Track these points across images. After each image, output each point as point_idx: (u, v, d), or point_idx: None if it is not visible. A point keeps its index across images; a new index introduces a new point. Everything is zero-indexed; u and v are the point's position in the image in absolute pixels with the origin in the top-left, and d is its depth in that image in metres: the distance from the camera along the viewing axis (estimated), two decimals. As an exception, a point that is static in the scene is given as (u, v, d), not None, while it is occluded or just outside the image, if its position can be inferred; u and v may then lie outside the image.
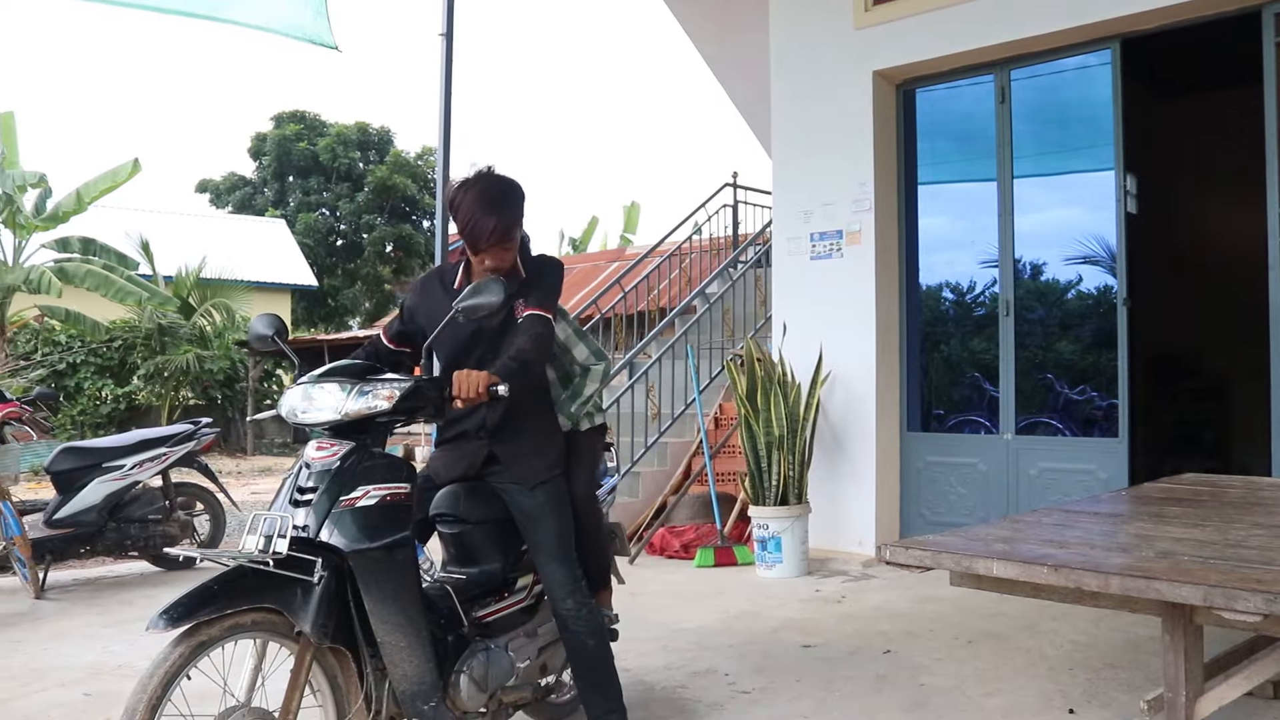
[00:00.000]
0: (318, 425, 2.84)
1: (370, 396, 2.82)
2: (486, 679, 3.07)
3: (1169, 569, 2.51)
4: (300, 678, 2.67)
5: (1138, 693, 3.55)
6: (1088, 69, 6.49)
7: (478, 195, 3.15)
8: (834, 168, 7.13)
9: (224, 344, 20.19)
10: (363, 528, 2.73)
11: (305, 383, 2.92)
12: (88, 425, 18.92)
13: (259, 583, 2.60)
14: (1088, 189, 6.68)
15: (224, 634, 2.56)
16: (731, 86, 10.18)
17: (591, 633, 3.32)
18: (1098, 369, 6.56)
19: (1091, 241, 6.62)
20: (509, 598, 3.35)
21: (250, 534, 2.66)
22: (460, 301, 2.94)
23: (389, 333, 3.44)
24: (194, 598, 2.51)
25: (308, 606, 2.62)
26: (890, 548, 2.90)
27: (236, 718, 2.56)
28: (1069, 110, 6.73)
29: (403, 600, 2.79)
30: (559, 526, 3.29)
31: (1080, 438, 6.56)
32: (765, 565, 6.43)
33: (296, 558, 2.62)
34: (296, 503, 2.73)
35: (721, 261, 10.94)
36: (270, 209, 33.60)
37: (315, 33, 5.87)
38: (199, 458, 7.06)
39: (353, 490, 2.75)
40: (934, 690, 4.00)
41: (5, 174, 16.52)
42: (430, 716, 2.84)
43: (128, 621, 5.45)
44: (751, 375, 6.67)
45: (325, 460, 2.78)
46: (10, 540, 5.90)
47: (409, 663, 2.80)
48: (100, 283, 17.06)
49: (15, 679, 4.39)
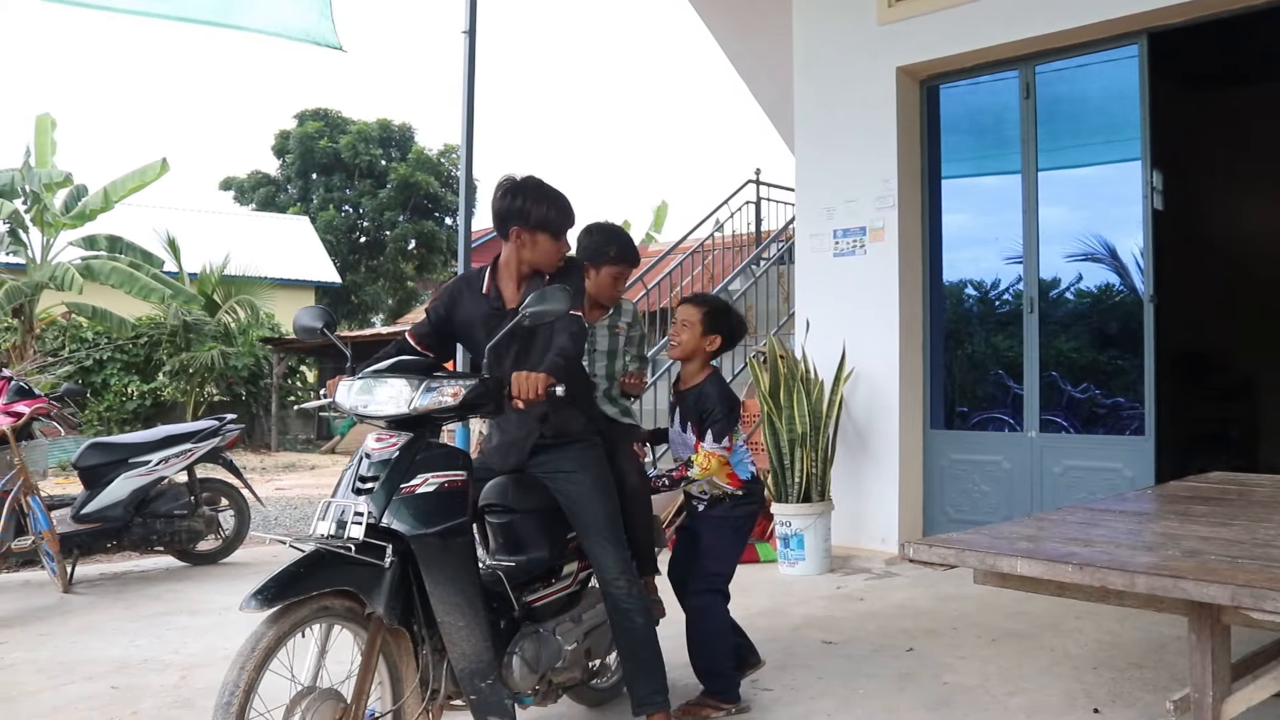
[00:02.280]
0: (383, 418, 2.96)
1: (437, 393, 2.94)
2: (538, 660, 3.18)
3: (1196, 568, 2.49)
4: (373, 659, 2.77)
5: (1163, 693, 3.53)
6: (1114, 64, 6.44)
7: (541, 185, 3.33)
8: (857, 164, 7.11)
9: (248, 340, 20.33)
10: (423, 513, 2.84)
11: (366, 377, 3.04)
12: (114, 421, 19.08)
13: (337, 566, 2.71)
14: (1113, 185, 6.63)
15: (312, 615, 2.67)
16: (755, 83, 10.16)
17: (641, 611, 3.41)
18: (1123, 366, 6.51)
19: (1117, 238, 6.58)
20: (555, 584, 3.47)
21: (322, 520, 2.81)
22: (526, 308, 3.01)
23: (416, 335, 3.49)
24: (283, 580, 2.61)
25: (380, 589, 2.74)
26: (914, 545, 2.89)
27: (310, 701, 2.63)
28: (1094, 106, 6.67)
29: (461, 582, 2.90)
30: (606, 507, 3.39)
31: (1106, 436, 6.51)
32: (788, 562, 6.42)
33: (367, 543, 2.73)
34: (359, 490, 2.85)
35: (744, 258, 10.93)
36: (293, 206, 33.79)
37: (320, 34, 5.95)
38: (224, 453, 7.11)
39: (412, 478, 2.87)
40: (957, 689, 3.99)
41: (34, 173, 16.66)
42: (487, 694, 2.93)
43: (154, 616, 5.50)
44: (774, 372, 6.65)
45: (385, 451, 2.90)
46: (39, 535, 5.95)
47: (467, 642, 2.91)
48: (125, 280, 17.18)
49: (43, 672, 4.43)
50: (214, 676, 4.28)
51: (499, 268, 3.40)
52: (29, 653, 4.76)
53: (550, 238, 3.32)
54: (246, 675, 2.50)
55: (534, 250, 3.31)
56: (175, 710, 3.89)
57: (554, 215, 3.30)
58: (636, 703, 3.42)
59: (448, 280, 3.65)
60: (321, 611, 2.68)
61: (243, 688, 2.49)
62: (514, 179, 3.32)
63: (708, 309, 3.88)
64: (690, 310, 3.88)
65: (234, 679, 2.50)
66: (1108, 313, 6.70)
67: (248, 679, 2.50)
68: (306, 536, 2.80)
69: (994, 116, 7.03)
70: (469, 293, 3.43)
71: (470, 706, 2.96)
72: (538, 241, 3.30)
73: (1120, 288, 6.62)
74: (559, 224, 3.33)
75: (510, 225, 3.29)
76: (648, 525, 3.81)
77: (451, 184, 33.93)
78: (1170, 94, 7.10)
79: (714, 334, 3.84)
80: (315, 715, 2.62)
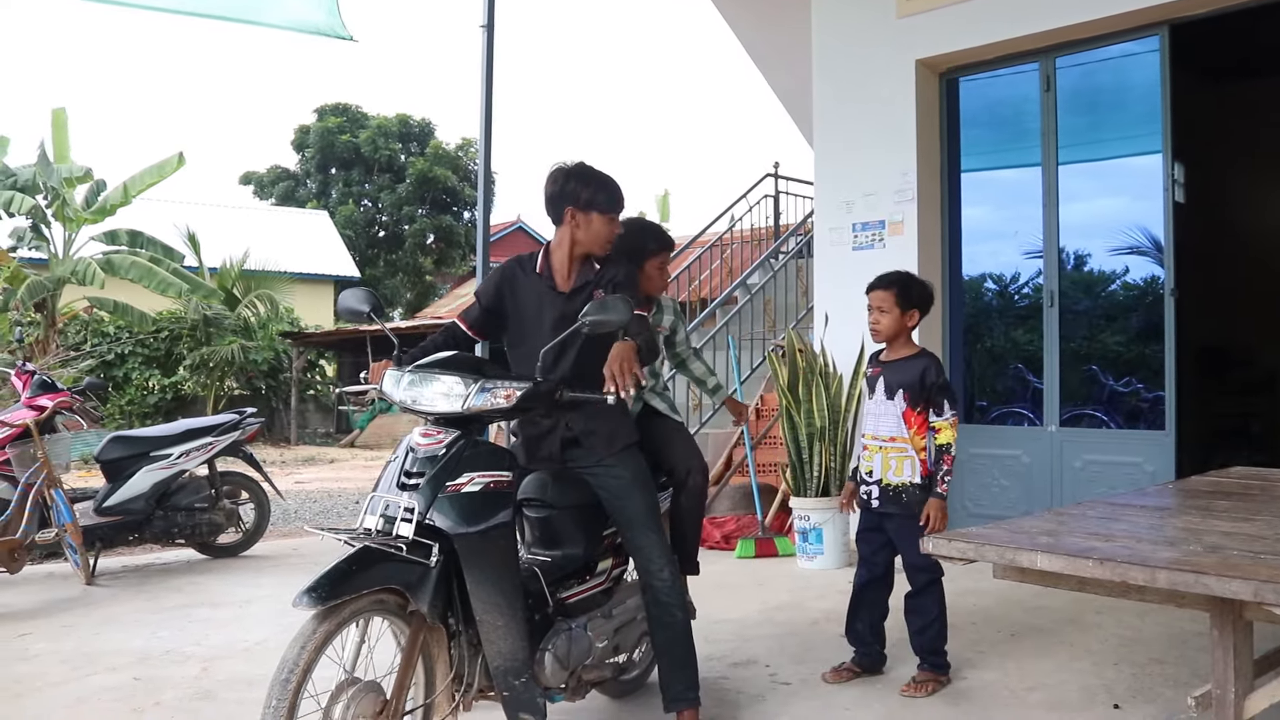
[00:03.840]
0: (434, 414, 2.97)
1: (492, 394, 2.96)
2: (569, 657, 3.18)
3: (1218, 563, 2.47)
4: (414, 655, 2.81)
5: (1184, 689, 3.52)
6: (1135, 56, 6.39)
7: (591, 168, 3.44)
8: (876, 158, 7.08)
9: (268, 335, 20.43)
10: (467, 512, 2.85)
11: (417, 369, 3.04)
12: (135, 415, 19.22)
13: (385, 563, 2.73)
14: (1134, 178, 6.59)
15: (361, 610, 2.70)
16: (772, 74, 10.13)
17: (680, 606, 3.45)
18: (1144, 360, 6.47)
19: (1138, 231, 6.53)
20: (590, 580, 3.48)
21: (370, 515, 2.84)
22: (586, 315, 3.02)
23: (468, 320, 3.54)
24: (334, 577, 2.64)
25: (425, 587, 2.76)
26: (932, 539, 2.88)
27: (355, 692, 2.66)
28: (1115, 98, 6.63)
29: (502, 582, 2.90)
30: (647, 500, 3.42)
31: (1126, 430, 6.47)
32: (806, 556, 6.41)
33: (415, 541, 2.76)
34: (404, 486, 2.85)
35: (763, 252, 10.91)
36: (313, 201, 33.91)
37: (329, 26, 6.01)
38: (244, 447, 7.15)
39: (458, 476, 2.87)
40: (976, 684, 3.98)
41: (53, 168, 16.76)
42: (520, 691, 2.94)
43: (175, 608, 5.54)
44: (793, 366, 6.64)
45: (432, 447, 2.91)
46: (62, 527, 6.00)
47: (504, 641, 2.91)
48: (144, 274, 17.28)
49: (67, 663, 4.47)
50: (235, 668, 4.33)
51: (551, 250, 3.47)
52: (53, 644, 4.81)
53: (602, 217, 3.41)
54: (306, 655, 2.55)
55: (587, 230, 3.40)
56: (197, 701, 3.92)
57: (604, 195, 3.41)
58: (670, 698, 3.42)
59: (491, 269, 3.70)
60: (373, 606, 2.72)
61: (301, 666, 2.54)
62: (564, 165, 3.44)
63: (899, 288, 4.04)
64: (882, 295, 4.05)
65: (293, 657, 2.55)
66: (1128, 306, 6.66)
67: (307, 659, 2.55)
68: (354, 531, 2.82)
69: (1014, 109, 7.00)
70: (522, 275, 3.49)
71: (503, 703, 2.96)
72: (591, 221, 3.39)
73: (1141, 281, 6.58)
74: (610, 203, 3.43)
75: (564, 207, 3.39)
76: (699, 522, 3.91)
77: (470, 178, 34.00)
78: (1191, 86, 7.04)
79: (911, 309, 4.04)
80: (358, 707, 2.65)
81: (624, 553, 3.63)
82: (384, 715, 2.70)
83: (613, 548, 3.57)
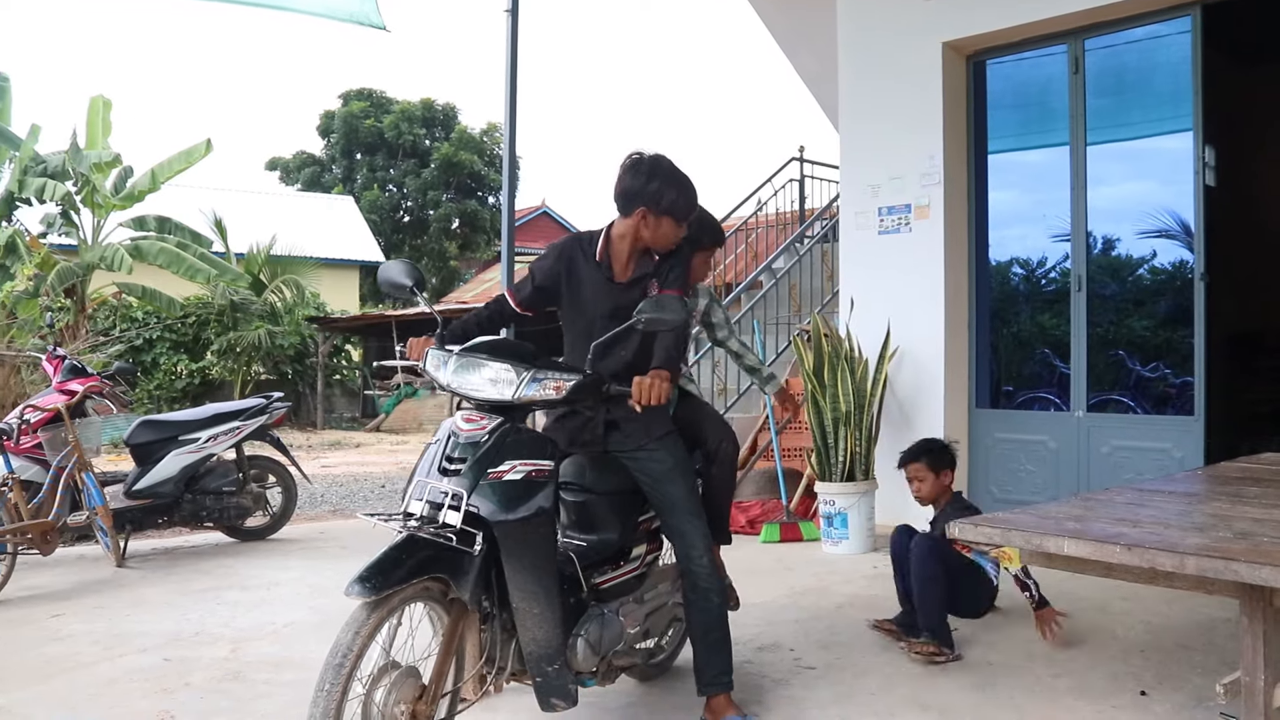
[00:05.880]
0: (482, 400, 2.96)
1: (542, 386, 2.95)
2: (601, 643, 3.18)
3: (1248, 550, 2.45)
4: (453, 643, 2.82)
5: (1212, 676, 3.48)
6: (1165, 37, 6.32)
7: (675, 168, 3.32)
8: (902, 141, 7.04)
9: (294, 320, 20.56)
10: (508, 500, 2.84)
11: (464, 352, 3.02)
12: (164, 399, 19.41)
13: (432, 552, 2.73)
14: (1164, 161, 6.52)
15: (409, 598, 2.72)
16: (796, 57, 10.07)
17: (718, 591, 3.43)
18: (1173, 346, 6.41)
19: (1167, 215, 6.46)
20: (624, 565, 3.47)
21: (416, 500, 2.84)
22: (641, 313, 3.01)
23: (518, 297, 3.50)
24: (385, 566, 2.64)
25: (468, 576, 2.77)
26: (959, 524, 2.87)
27: (397, 677, 2.68)
28: (1145, 81, 6.55)
29: (540, 570, 2.89)
30: (688, 484, 3.41)
31: (1154, 416, 6.42)
32: (831, 541, 6.40)
33: (462, 530, 2.76)
34: (445, 471, 2.85)
35: (788, 236, 10.87)
36: (338, 186, 34.05)
37: (363, 14, 6.01)
38: (271, 431, 7.21)
39: (500, 464, 2.86)
40: (1001, 669, 3.97)
41: (83, 155, 16.89)
42: (553, 677, 2.94)
43: (204, 590, 5.60)
44: (818, 351, 6.62)
45: (474, 433, 2.90)
46: (93, 510, 6.07)
47: (540, 628, 2.91)
48: (172, 260, 17.41)
49: (99, 643, 4.53)
50: (263, 650, 4.37)
51: (612, 239, 3.37)
52: (85, 625, 4.87)
53: (674, 223, 3.32)
54: (360, 641, 2.57)
55: (655, 231, 3.30)
56: (226, 682, 3.96)
57: (683, 203, 3.30)
58: (705, 682, 3.41)
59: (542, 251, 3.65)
60: (419, 595, 2.74)
61: (355, 652, 2.56)
62: (645, 156, 3.30)
63: (928, 457, 4.58)
64: (915, 467, 4.60)
65: (347, 642, 2.57)
66: (1157, 291, 6.59)
67: (360, 644, 2.57)
68: (398, 515, 2.83)
69: (1041, 91, 6.93)
70: (582, 257, 3.41)
71: (535, 689, 2.96)
72: (661, 224, 3.30)
73: (1170, 265, 6.52)
74: (686, 211, 3.33)
75: (638, 205, 3.27)
76: (731, 491, 3.94)
77: (495, 163, 34.06)
78: (1222, 67, 6.94)
79: (944, 470, 4.57)
80: (399, 693, 2.67)
81: (658, 538, 3.63)
82: (423, 700, 2.70)
83: (647, 533, 3.57)
